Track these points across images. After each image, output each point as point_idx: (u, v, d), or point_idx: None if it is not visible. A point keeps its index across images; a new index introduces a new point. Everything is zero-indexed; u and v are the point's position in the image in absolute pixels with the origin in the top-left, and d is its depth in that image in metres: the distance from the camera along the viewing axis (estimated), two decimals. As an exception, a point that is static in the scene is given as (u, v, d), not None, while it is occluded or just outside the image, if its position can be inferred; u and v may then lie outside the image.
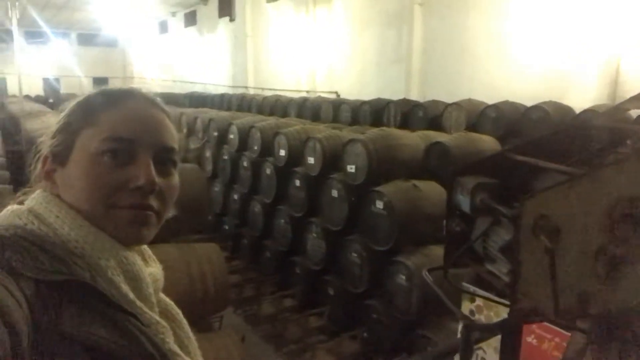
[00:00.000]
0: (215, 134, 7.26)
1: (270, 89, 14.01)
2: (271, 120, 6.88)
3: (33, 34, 24.81)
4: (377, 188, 4.26)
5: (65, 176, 0.76)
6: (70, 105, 0.81)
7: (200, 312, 3.05)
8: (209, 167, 7.36)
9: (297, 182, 5.36)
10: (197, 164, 7.65)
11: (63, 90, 25.69)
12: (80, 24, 24.45)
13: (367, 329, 4.29)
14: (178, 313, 0.90)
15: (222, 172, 7.03)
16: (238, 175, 6.63)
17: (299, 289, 5.33)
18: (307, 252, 5.19)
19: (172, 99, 15.34)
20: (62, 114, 0.80)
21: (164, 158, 0.79)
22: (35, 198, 0.76)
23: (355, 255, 4.51)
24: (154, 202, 0.76)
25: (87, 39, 27.72)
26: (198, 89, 18.05)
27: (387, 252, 4.13)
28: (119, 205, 0.74)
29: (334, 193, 4.78)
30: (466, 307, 2.87)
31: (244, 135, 6.54)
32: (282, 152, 5.65)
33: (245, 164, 6.42)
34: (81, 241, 0.70)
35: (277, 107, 10.27)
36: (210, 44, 19.18)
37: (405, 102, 8.21)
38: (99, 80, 28.01)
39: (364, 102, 8.54)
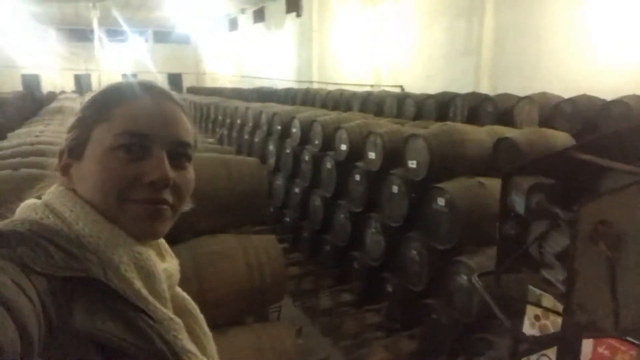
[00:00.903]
0: (279, 127, 7.37)
1: (335, 84, 14.02)
2: (333, 115, 6.88)
3: (114, 33, 26.46)
4: (439, 185, 4.14)
5: (81, 171, 0.76)
6: (86, 99, 0.81)
7: (258, 301, 3.11)
8: (271, 160, 7.49)
9: (357, 177, 5.32)
10: (259, 157, 7.82)
11: (142, 85, 27.17)
12: (156, 22, 25.69)
13: (425, 328, 4.19)
14: (195, 308, 0.91)
15: (284, 166, 7.13)
16: (299, 168, 6.70)
17: (357, 284, 5.31)
18: (366, 247, 5.16)
19: (240, 94, 15.78)
20: (79, 108, 0.81)
21: (178, 152, 0.79)
22: (51, 192, 0.76)
23: (414, 252, 4.41)
24: (168, 196, 0.76)
25: (162, 36, 29.08)
26: (265, 83, 18.43)
27: (448, 251, 4.01)
28: (133, 200, 0.74)
29: (394, 189, 4.70)
30: (531, 311, 2.72)
31: (306, 129, 6.58)
32: (343, 147, 5.63)
33: (306, 157, 6.47)
34: (95, 236, 0.70)
35: (341, 101, 10.25)
36: (277, 39, 19.50)
37: (473, 95, 7.90)
38: (172, 76, 29.40)
39: (429, 96, 8.31)
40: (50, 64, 26.34)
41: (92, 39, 21.17)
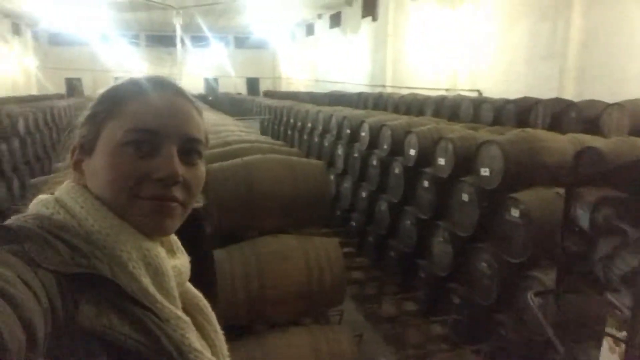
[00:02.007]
0: (348, 131, 7.37)
1: (408, 88, 13.80)
2: (403, 119, 6.76)
3: (197, 39, 27.89)
4: (514, 194, 3.92)
5: (92, 167, 0.76)
6: (97, 95, 0.81)
7: (317, 303, 3.11)
8: (339, 163, 7.50)
9: (426, 183, 5.18)
10: (328, 160, 7.86)
11: (220, 89, 28.43)
12: (236, 28, 26.72)
13: (493, 344, 3.98)
14: (206, 306, 0.89)
15: (352, 170, 7.10)
16: (367, 173, 6.65)
17: (422, 294, 5.16)
18: (432, 256, 5.00)
19: (313, 98, 15.99)
20: (90, 104, 0.81)
21: (188, 148, 0.78)
22: (63, 188, 0.77)
23: (484, 265, 4.21)
24: (178, 193, 0.75)
25: (242, 42, 30.19)
26: (338, 88, 18.53)
27: (520, 265, 3.78)
28: (142, 196, 0.73)
29: (465, 197, 4.52)
30: (612, 324, 2.48)
31: (375, 134, 6.52)
32: (412, 152, 5.51)
33: (374, 162, 6.41)
34: (104, 233, 0.70)
35: (413, 105, 10.06)
36: (351, 44, 19.55)
37: (556, 101, 7.42)
38: (250, 80, 30.43)
39: (508, 101, 7.92)
40: (138, 68, 28.25)
41: (178, 44, 22.41)
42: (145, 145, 0.73)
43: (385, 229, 6.04)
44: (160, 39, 27.77)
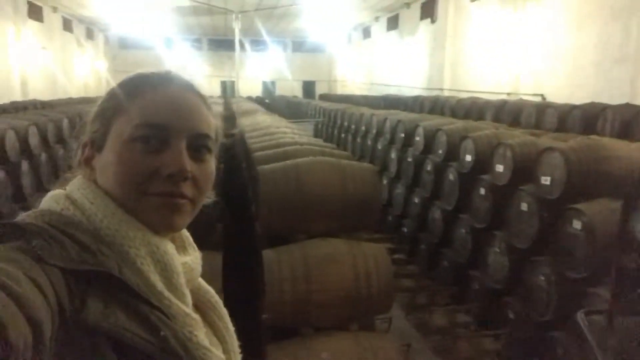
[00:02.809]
0: (402, 135, 7.25)
1: (467, 91, 13.42)
2: (460, 124, 6.57)
3: (257, 42, 28.55)
4: (576, 205, 3.69)
5: (102, 162, 0.75)
6: (107, 91, 0.80)
7: (363, 309, 3.06)
8: (392, 168, 7.39)
9: (482, 191, 4.99)
10: (381, 164, 7.77)
11: (277, 92, 28.94)
12: (294, 32, 27.09)
13: (549, 364, 3.77)
14: (217, 302, 0.87)
15: (405, 175, 6.98)
16: (420, 178, 6.51)
17: (475, 306, 4.97)
18: (487, 267, 4.81)
19: (368, 101, 15.91)
20: (100, 100, 0.80)
21: (197, 144, 0.77)
22: (74, 184, 0.77)
23: (543, 279, 3.99)
24: (187, 189, 0.74)
25: (299, 45, 30.58)
26: (393, 91, 18.33)
27: (581, 281, 3.56)
28: (151, 193, 0.72)
29: (523, 206, 4.31)
30: None
31: (430, 138, 6.38)
32: (468, 158, 5.33)
33: (428, 167, 6.26)
34: (112, 229, 0.69)
35: (472, 110, 9.77)
36: (409, 46, 19.28)
37: (627, 107, 6.95)
38: (307, 84, 30.76)
39: (574, 107, 7.51)
40: (201, 71, 29.32)
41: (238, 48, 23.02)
42: (154, 140, 0.73)
43: (438, 237, 5.89)
44: (221, 43, 28.64)
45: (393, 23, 21.51)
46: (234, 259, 3.25)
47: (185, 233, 0.85)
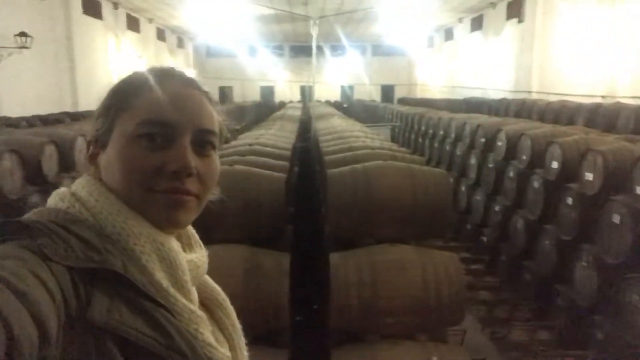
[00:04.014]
0: (483, 140, 6.95)
1: (557, 94, 12.58)
2: (546, 128, 6.17)
3: (336, 47, 28.80)
4: (680, 219, 3.32)
5: (106, 160, 0.75)
6: (110, 88, 0.80)
7: (432, 320, 2.94)
8: (472, 174, 7.10)
9: (569, 200, 4.64)
10: (459, 170, 7.49)
11: (355, 96, 28.98)
12: (373, 36, 26.97)
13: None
14: (224, 299, 0.87)
15: (486, 181, 6.67)
16: (502, 185, 6.19)
17: (559, 323, 4.62)
18: (574, 282, 4.46)
19: (449, 105, 15.45)
20: (103, 98, 0.80)
21: (202, 140, 0.76)
22: (79, 181, 0.77)
23: (637, 298, 3.62)
24: (192, 186, 0.74)
25: (378, 49, 30.39)
26: (477, 94, 17.65)
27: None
28: (156, 190, 0.72)
29: (616, 218, 3.95)
30: None
31: (513, 143, 6.05)
32: (555, 164, 4.99)
33: (511, 174, 5.94)
34: (118, 226, 0.69)
35: (562, 113, 9.13)
36: (493, 47, 18.48)
37: None
38: (385, 88, 30.50)
39: (680, 110, 6.78)
40: (282, 77, 30.14)
41: (317, 54, 23.37)
42: (158, 137, 0.73)
43: (520, 248, 5.56)
44: (302, 49, 29.22)
45: (477, 24, 20.75)
46: (302, 260, 3.28)
47: (192, 230, 0.86)
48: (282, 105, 21.78)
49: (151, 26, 22.30)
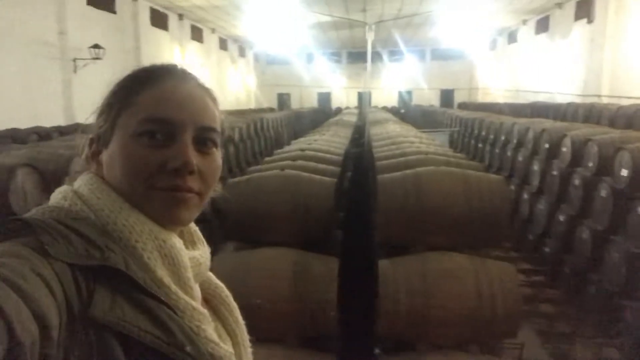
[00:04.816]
0: (547, 146, 6.63)
1: (630, 97, 11.79)
2: (615, 134, 5.79)
3: (394, 52, 28.56)
4: None
5: (108, 158, 0.76)
6: (112, 86, 0.80)
7: (486, 331, 2.83)
8: (535, 181, 6.79)
9: (641, 210, 4.33)
10: (521, 177, 7.19)
11: (414, 101, 28.58)
12: (433, 40, 26.49)
13: None
14: (228, 296, 0.86)
15: (549, 189, 6.35)
16: (567, 193, 5.87)
17: (627, 341, 4.31)
18: (645, 298, 4.14)
19: (512, 110, 14.88)
20: (105, 95, 0.80)
21: (203, 137, 0.76)
22: (82, 179, 0.77)
23: None
24: (193, 183, 0.74)
25: (438, 53, 29.80)
26: (542, 98, 16.88)
27: None
28: (158, 187, 0.72)
29: (694, 230, 3.64)
30: None
31: (579, 149, 5.73)
32: (624, 172, 4.67)
33: (576, 182, 5.62)
34: (119, 224, 0.70)
35: (636, 119, 8.53)
36: (560, 50, 17.61)
37: None
38: (445, 92, 29.86)
39: None
40: (339, 83, 30.28)
41: (374, 59, 23.28)
42: (159, 135, 0.73)
43: (585, 260, 5.24)
44: (359, 55, 29.18)
45: (543, 25, 19.89)
46: (350, 265, 3.26)
47: (194, 227, 0.86)
48: (339, 111, 21.87)
49: (214, 36, 23.14)
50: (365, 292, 3.23)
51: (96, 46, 11.80)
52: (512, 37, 23.90)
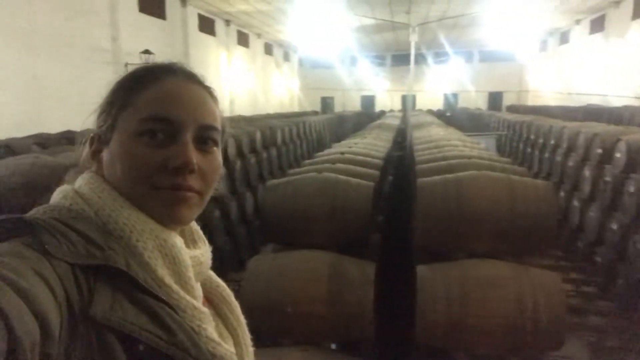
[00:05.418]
0: (599, 151, 6.31)
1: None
2: (676, 138, 5.44)
3: (439, 55, 28.09)
4: None
5: (109, 157, 0.76)
6: (112, 84, 0.80)
7: (528, 342, 2.72)
8: (586, 188, 6.48)
9: None
10: (572, 183, 6.88)
11: (460, 104, 27.99)
12: (479, 41, 25.90)
13: None
14: (229, 295, 0.86)
15: (602, 196, 6.05)
16: (620, 201, 5.56)
17: (687, 360, 4.03)
18: None
19: (563, 113, 14.30)
20: (106, 94, 0.80)
21: (204, 136, 0.76)
22: (82, 178, 0.77)
23: None
24: (194, 182, 0.73)
25: (486, 55, 29.06)
26: (596, 101, 16.15)
27: None
28: (159, 186, 0.72)
29: None
30: None
31: (635, 155, 5.42)
32: (685, 179, 4.38)
33: (631, 189, 5.32)
34: (120, 223, 0.70)
35: (700, 122, 8.02)
36: (617, 50, 16.78)
37: None
38: (493, 95, 29.08)
39: None
40: (382, 86, 30.08)
41: (419, 62, 22.99)
42: (160, 134, 0.73)
43: (640, 271, 4.95)
44: (404, 58, 28.88)
45: (598, 25, 19.03)
46: (388, 270, 3.22)
47: (195, 226, 0.85)
48: (382, 114, 21.71)
49: (259, 41, 23.54)
50: (402, 298, 3.18)
51: (147, 51, 12.25)
52: (564, 38, 23.02)
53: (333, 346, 2.90)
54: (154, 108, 0.74)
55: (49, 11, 10.01)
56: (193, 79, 0.80)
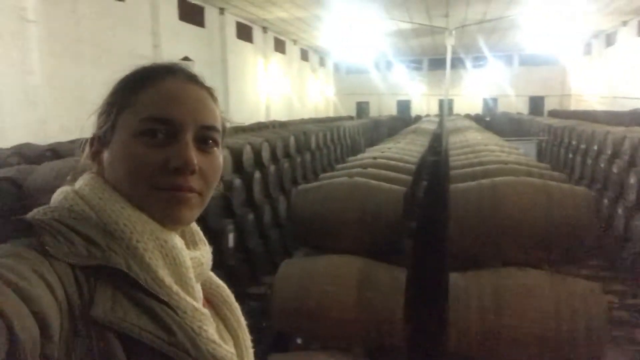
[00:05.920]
0: (646, 157, 6.04)
1: None
2: None
3: (478, 59, 27.57)
4: None
5: (109, 157, 0.76)
6: (113, 85, 0.79)
7: (565, 354, 2.62)
8: (631, 195, 6.20)
9: None
10: (617, 190, 6.60)
11: (500, 109, 27.36)
12: (519, 44, 25.24)
13: None
14: (229, 296, 0.85)
15: (648, 204, 5.78)
16: (669, 209, 5.30)
17: None
18: None
19: (609, 117, 13.77)
20: (106, 95, 0.79)
21: (204, 136, 0.75)
22: (83, 179, 0.77)
23: None
24: (194, 182, 0.73)
25: (528, 59, 28.28)
26: (644, 105, 15.47)
27: None
28: (159, 187, 0.72)
29: None
30: None
31: (685, 161, 5.15)
32: None
33: (681, 197, 5.06)
34: (121, 223, 0.69)
35: None
36: (668, 51, 16.05)
37: None
38: (534, 99, 28.30)
39: None
40: (419, 91, 29.77)
41: (457, 66, 22.64)
42: (160, 134, 0.73)
43: (690, 284, 4.69)
44: (441, 62, 28.51)
45: (646, 26, 18.25)
46: (420, 276, 3.17)
47: (196, 227, 0.85)
48: (418, 119, 21.49)
49: (296, 47, 23.77)
50: (434, 305, 3.12)
51: (186, 58, 12.57)
52: (609, 40, 22.19)
53: (362, 352, 2.87)
54: (154, 108, 0.74)
55: (94, 20, 10.44)
56: (193, 79, 0.80)
